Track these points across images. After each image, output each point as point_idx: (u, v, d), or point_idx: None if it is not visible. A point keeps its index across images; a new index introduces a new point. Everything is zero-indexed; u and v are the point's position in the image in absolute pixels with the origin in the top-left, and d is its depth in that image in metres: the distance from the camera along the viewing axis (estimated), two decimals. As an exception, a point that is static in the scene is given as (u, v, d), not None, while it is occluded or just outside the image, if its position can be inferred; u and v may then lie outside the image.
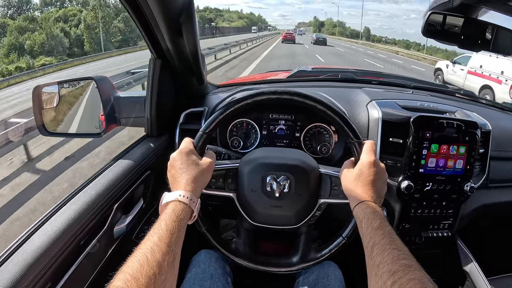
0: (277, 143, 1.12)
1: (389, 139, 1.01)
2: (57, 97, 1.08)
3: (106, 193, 0.81)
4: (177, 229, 0.58)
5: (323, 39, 32.76)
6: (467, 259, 1.10)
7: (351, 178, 0.71)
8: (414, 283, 0.47)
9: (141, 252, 0.52)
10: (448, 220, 1.07)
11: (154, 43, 0.91)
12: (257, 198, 0.79)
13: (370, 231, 0.60)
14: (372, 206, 0.65)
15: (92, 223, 0.75)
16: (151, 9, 0.76)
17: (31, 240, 0.64)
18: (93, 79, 1.03)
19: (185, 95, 1.14)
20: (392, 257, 0.53)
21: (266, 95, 0.76)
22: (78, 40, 33.11)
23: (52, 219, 0.69)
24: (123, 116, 1.05)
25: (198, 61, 0.96)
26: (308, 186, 0.79)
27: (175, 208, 0.62)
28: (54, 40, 29.57)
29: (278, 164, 0.80)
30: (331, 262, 0.93)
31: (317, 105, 0.75)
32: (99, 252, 0.79)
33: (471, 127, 0.98)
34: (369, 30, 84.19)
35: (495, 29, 0.94)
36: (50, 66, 17.58)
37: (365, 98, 1.13)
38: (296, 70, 1.74)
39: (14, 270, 0.57)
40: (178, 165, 0.69)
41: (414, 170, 0.98)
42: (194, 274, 0.86)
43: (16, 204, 3.04)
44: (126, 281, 0.47)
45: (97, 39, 33.80)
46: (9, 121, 4.21)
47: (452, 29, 0.96)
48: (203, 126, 0.75)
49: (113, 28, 36.47)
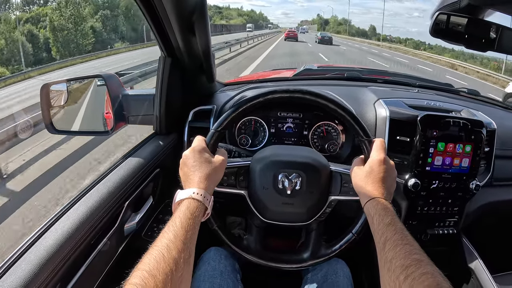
0: (285, 141, 1.13)
1: (396, 137, 1.02)
2: (65, 95, 1.08)
3: (117, 191, 0.81)
4: (191, 226, 0.58)
5: (328, 38, 29.75)
6: (472, 256, 1.11)
7: (362, 175, 0.72)
8: (427, 277, 0.48)
9: (157, 249, 0.52)
10: (453, 217, 1.08)
11: (165, 41, 0.91)
12: (269, 196, 0.79)
13: (382, 227, 0.61)
14: (383, 202, 0.66)
15: (103, 221, 0.75)
16: (164, 7, 0.76)
17: (44, 239, 0.63)
18: (101, 76, 1.03)
19: (194, 93, 1.14)
20: (405, 252, 0.54)
21: (279, 93, 0.76)
22: (47, 44, 27.07)
23: (64, 218, 0.69)
24: (131, 114, 1.06)
25: (210, 59, 0.96)
26: (319, 183, 0.80)
27: (189, 205, 0.62)
28: (13, 46, 23.17)
29: (289, 161, 0.80)
30: (339, 259, 0.94)
31: (329, 104, 0.76)
32: (110, 249, 0.79)
33: (477, 126, 0.99)
34: (375, 29, 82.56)
35: (499, 29, 0.95)
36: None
37: (372, 96, 1.13)
38: (303, 69, 1.74)
39: (28, 268, 0.57)
40: (191, 163, 0.70)
41: (420, 168, 0.99)
42: (203, 271, 0.86)
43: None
44: (144, 278, 0.47)
45: (65, 42, 27.32)
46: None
47: (455, 27, 0.97)
48: (216, 124, 0.76)
49: (86, 29, 28.47)
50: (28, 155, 4.23)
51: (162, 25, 0.84)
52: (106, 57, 21.03)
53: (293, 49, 20.21)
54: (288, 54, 17.20)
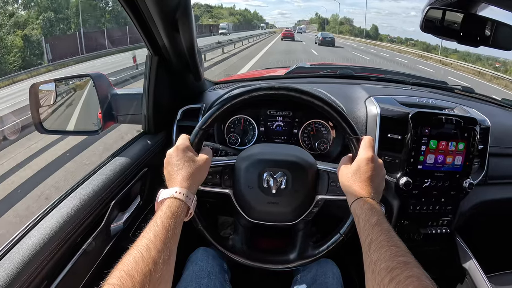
0: (275, 139, 1.12)
1: (387, 135, 1.00)
2: (54, 95, 1.08)
3: (103, 191, 0.80)
4: (172, 226, 0.58)
5: (330, 39, 27.12)
6: (466, 256, 1.09)
7: (349, 174, 0.70)
8: (412, 280, 0.47)
9: (136, 249, 0.52)
10: (447, 216, 1.07)
11: (151, 40, 0.90)
12: (254, 195, 0.78)
13: (367, 227, 0.59)
14: (369, 202, 0.64)
15: (88, 220, 0.75)
16: (147, 5, 0.75)
17: (28, 238, 0.63)
18: (89, 76, 1.03)
19: (182, 92, 1.13)
20: (390, 253, 0.52)
21: (263, 90, 0.75)
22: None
23: (48, 217, 0.69)
24: (120, 113, 1.05)
25: (195, 57, 0.95)
26: (305, 182, 0.78)
27: (170, 205, 0.61)
28: None
29: (275, 160, 0.79)
30: (329, 260, 0.93)
31: (314, 100, 0.75)
32: (96, 249, 0.79)
33: (470, 123, 0.98)
34: (377, 29, 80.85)
35: (494, 24, 0.94)
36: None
37: (363, 94, 1.12)
38: (294, 67, 1.73)
39: (11, 267, 0.57)
40: (174, 162, 0.69)
41: (412, 167, 0.98)
42: (191, 272, 0.86)
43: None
44: (121, 278, 0.47)
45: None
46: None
47: (451, 25, 0.95)
48: (200, 122, 0.75)
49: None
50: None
51: (146, 23, 0.83)
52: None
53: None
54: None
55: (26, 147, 4.26)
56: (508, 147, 1.15)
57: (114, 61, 12.92)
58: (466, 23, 0.93)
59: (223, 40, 16.51)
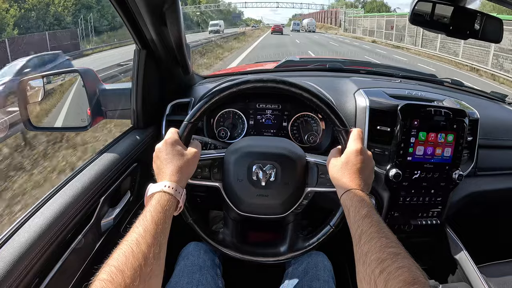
0: (264, 133, 1.12)
1: (376, 127, 1.00)
2: (42, 91, 1.06)
3: (92, 186, 0.80)
4: (162, 220, 0.58)
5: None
6: (457, 247, 1.10)
7: (338, 166, 0.71)
8: (403, 271, 0.47)
9: (126, 244, 0.52)
10: (437, 208, 1.08)
11: (138, 34, 0.89)
12: (243, 187, 0.78)
13: (357, 219, 0.60)
14: (359, 194, 0.65)
15: (78, 216, 0.74)
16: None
17: (17, 236, 0.63)
18: (77, 71, 1.02)
19: (171, 86, 1.13)
20: (380, 245, 0.53)
21: (251, 83, 0.75)
22: None
23: (37, 214, 0.68)
24: (109, 108, 1.04)
25: (183, 50, 0.95)
26: (294, 174, 0.78)
27: (160, 199, 0.61)
28: None
29: (264, 152, 0.79)
30: (320, 252, 0.93)
31: (303, 92, 0.75)
32: (87, 245, 0.78)
33: (459, 115, 0.98)
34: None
35: (483, 17, 0.94)
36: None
37: (352, 86, 1.12)
38: (284, 60, 1.73)
39: (0, 266, 0.56)
40: (163, 156, 0.69)
41: (402, 158, 0.98)
42: (183, 267, 0.86)
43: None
44: (112, 274, 0.47)
45: None
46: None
47: (441, 19, 0.95)
48: (188, 116, 0.74)
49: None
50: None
51: (133, 16, 0.82)
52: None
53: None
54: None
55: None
56: (496, 139, 1.16)
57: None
58: (456, 16, 0.93)
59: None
